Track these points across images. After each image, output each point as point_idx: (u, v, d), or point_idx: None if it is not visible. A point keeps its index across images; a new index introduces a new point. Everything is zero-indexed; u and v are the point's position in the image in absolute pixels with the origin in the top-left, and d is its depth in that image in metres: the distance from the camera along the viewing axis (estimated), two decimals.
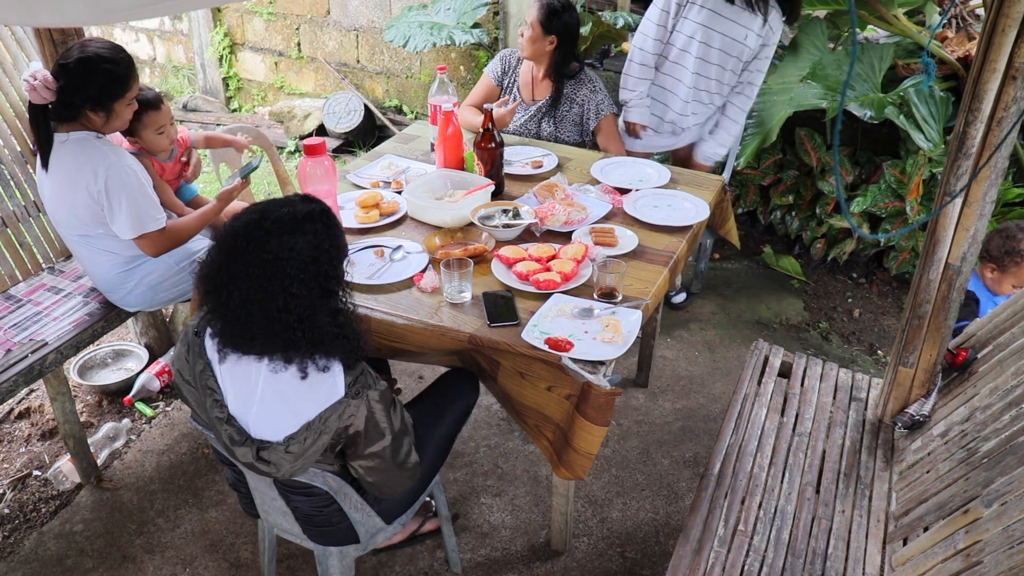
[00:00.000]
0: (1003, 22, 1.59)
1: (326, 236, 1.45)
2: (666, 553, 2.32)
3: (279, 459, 1.48)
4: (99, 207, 2.19)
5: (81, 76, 2.09)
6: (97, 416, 2.81)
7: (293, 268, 1.40)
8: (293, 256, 1.40)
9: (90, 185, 2.15)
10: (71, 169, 2.15)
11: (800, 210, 3.74)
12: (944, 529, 1.60)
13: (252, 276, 1.40)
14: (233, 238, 1.42)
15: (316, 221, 1.44)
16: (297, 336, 1.42)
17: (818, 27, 3.40)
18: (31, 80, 2.05)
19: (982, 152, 1.73)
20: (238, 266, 1.41)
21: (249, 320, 1.42)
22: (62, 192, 2.20)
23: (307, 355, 1.45)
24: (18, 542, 2.33)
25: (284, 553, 2.28)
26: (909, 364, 2.05)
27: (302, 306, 1.42)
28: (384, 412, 1.54)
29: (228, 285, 1.42)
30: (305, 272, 1.41)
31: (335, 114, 4.91)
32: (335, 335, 1.47)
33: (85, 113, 2.15)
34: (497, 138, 2.42)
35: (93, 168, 2.14)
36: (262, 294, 1.40)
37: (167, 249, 2.33)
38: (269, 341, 1.43)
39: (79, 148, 2.15)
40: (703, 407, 2.90)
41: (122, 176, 2.16)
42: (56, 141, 2.16)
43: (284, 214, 1.42)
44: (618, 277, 1.95)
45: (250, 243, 1.40)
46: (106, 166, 2.14)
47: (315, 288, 1.44)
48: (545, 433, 1.90)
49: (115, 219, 2.21)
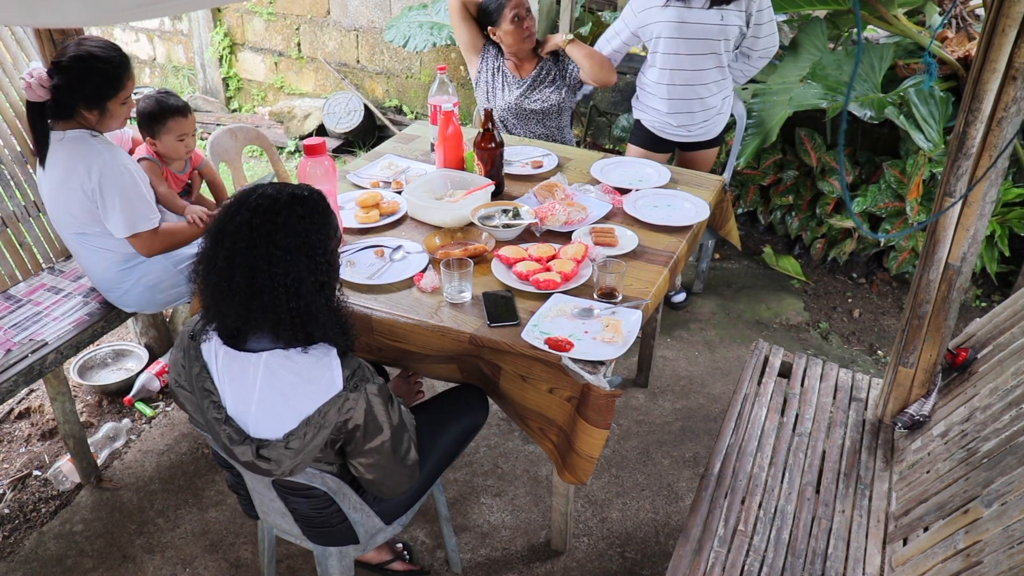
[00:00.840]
0: (1003, 22, 1.59)
1: (317, 211, 1.48)
2: (666, 553, 2.32)
3: (279, 456, 1.48)
4: (93, 204, 2.19)
5: (75, 75, 2.10)
6: (97, 416, 2.81)
7: (280, 233, 1.42)
8: (281, 221, 1.42)
9: (84, 183, 2.15)
10: (66, 167, 2.16)
11: (800, 210, 3.74)
12: (944, 529, 1.60)
13: (240, 236, 1.42)
14: (226, 209, 1.46)
15: (307, 197, 1.48)
16: (281, 302, 1.42)
17: (818, 27, 3.40)
18: (27, 78, 2.07)
19: (982, 152, 1.73)
20: (227, 229, 1.43)
21: (231, 283, 1.42)
22: (58, 189, 2.20)
23: (297, 329, 1.45)
24: (18, 542, 2.33)
25: (284, 553, 2.28)
26: (909, 364, 2.05)
27: (287, 272, 1.43)
28: (383, 406, 1.54)
29: (217, 250, 1.44)
30: (292, 238, 1.43)
31: (335, 114, 4.91)
32: (322, 308, 1.48)
33: (80, 111, 2.15)
34: (497, 138, 2.42)
35: (87, 165, 2.14)
36: (247, 254, 1.41)
37: (161, 250, 2.33)
38: (250, 308, 1.43)
39: (74, 146, 2.15)
40: (703, 407, 2.90)
41: (116, 174, 2.16)
42: (53, 139, 2.17)
43: (276, 186, 1.47)
44: (618, 277, 1.95)
45: (242, 208, 1.43)
46: (100, 164, 2.14)
47: (301, 256, 1.44)
48: (549, 436, 1.90)
49: (108, 217, 2.21)
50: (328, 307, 1.50)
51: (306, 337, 1.47)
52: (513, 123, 3.15)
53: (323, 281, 1.49)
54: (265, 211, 1.42)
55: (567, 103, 3.12)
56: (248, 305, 1.43)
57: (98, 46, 2.14)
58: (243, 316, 1.44)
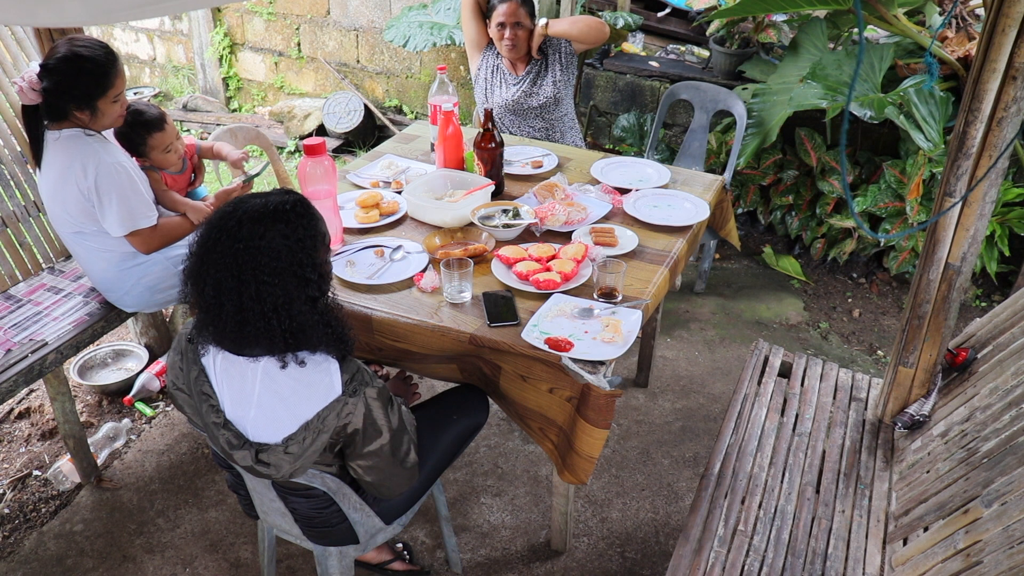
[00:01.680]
0: (1003, 22, 1.59)
1: (300, 225, 1.44)
2: (666, 553, 2.32)
3: (278, 460, 1.48)
4: (90, 204, 2.19)
5: (63, 76, 2.08)
6: (97, 416, 2.81)
7: (265, 257, 1.39)
8: (264, 245, 1.39)
9: (80, 182, 2.15)
10: (63, 165, 2.16)
11: (800, 210, 3.74)
12: (944, 529, 1.60)
13: (224, 266, 1.40)
14: (208, 230, 1.43)
15: (289, 211, 1.44)
16: (273, 325, 1.41)
17: (818, 27, 3.40)
18: (20, 82, 2.07)
19: (982, 152, 1.73)
20: (212, 256, 1.41)
21: (221, 311, 1.41)
22: (55, 189, 2.20)
23: (289, 347, 1.44)
24: (18, 542, 2.33)
25: (284, 553, 2.28)
26: (909, 364, 2.05)
27: (276, 295, 1.40)
28: (382, 409, 1.54)
29: (203, 277, 1.42)
30: (278, 261, 1.40)
31: (335, 114, 4.91)
32: (316, 323, 1.45)
33: (72, 112, 2.15)
34: (497, 138, 2.42)
35: (83, 164, 2.14)
36: (234, 284, 1.39)
37: (159, 247, 2.34)
38: (243, 334, 1.42)
39: (69, 144, 2.15)
40: (703, 407, 2.90)
41: (112, 174, 2.16)
42: (48, 139, 2.16)
43: (257, 205, 1.43)
44: (618, 277, 1.95)
45: (223, 233, 1.40)
46: (96, 163, 2.14)
47: (289, 277, 1.42)
48: (549, 436, 1.90)
49: (105, 216, 2.21)
50: (322, 320, 1.47)
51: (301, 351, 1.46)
52: (511, 119, 3.16)
53: (314, 296, 1.47)
54: (247, 237, 1.39)
55: (564, 91, 3.13)
56: (240, 331, 1.42)
57: (85, 45, 2.11)
58: (236, 339, 1.43)
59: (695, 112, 3.38)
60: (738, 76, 3.85)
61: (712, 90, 3.34)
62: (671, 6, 4.60)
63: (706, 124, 3.38)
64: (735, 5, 3.35)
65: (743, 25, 3.84)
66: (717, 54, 3.95)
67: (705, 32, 4.15)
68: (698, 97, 3.37)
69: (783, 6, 3.26)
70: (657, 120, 3.45)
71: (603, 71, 4.09)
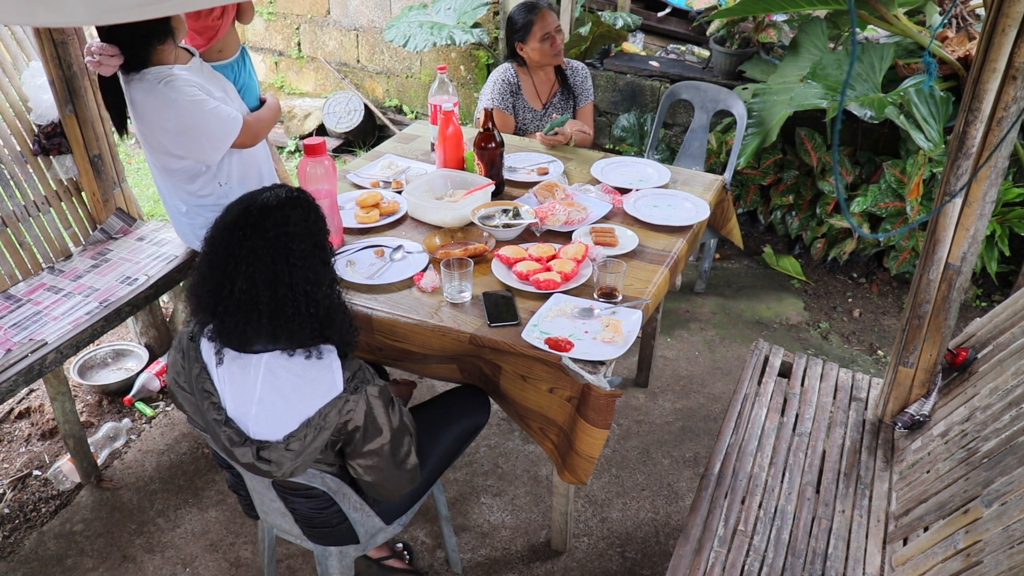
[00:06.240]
0: (1003, 22, 1.59)
1: (312, 209, 1.52)
2: (666, 553, 2.32)
3: (280, 458, 1.48)
4: (179, 147, 2.29)
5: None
6: (97, 416, 2.81)
7: (294, 241, 1.45)
8: (291, 230, 1.45)
9: (167, 126, 2.25)
10: (146, 109, 2.25)
11: (800, 210, 3.74)
12: (944, 529, 1.60)
13: (256, 260, 1.42)
14: (229, 231, 1.44)
15: (298, 198, 1.50)
16: (303, 311, 1.45)
17: (818, 27, 3.40)
18: (92, 57, 2.14)
19: (982, 152, 1.73)
20: (240, 253, 1.43)
21: (256, 305, 1.43)
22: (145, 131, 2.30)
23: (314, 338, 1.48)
24: (18, 542, 2.33)
25: (284, 553, 2.28)
26: (909, 364, 2.05)
27: (308, 278, 1.46)
28: (383, 408, 1.54)
29: (232, 277, 1.43)
30: (303, 242, 1.46)
31: (335, 114, 4.91)
32: (339, 306, 1.53)
33: (155, 50, 2.20)
34: (497, 138, 2.42)
35: (164, 113, 2.22)
36: (269, 274, 1.43)
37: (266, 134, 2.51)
38: (278, 325, 1.44)
39: (147, 94, 2.22)
40: (703, 407, 2.90)
41: (189, 113, 2.23)
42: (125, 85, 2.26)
43: (268, 197, 1.47)
44: (618, 277, 1.95)
45: (247, 229, 1.43)
46: (176, 110, 2.21)
47: (315, 259, 1.48)
48: (550, 436, 1.90)
49: (203, 152, 2.31)
50: (341, 306, 1.54)
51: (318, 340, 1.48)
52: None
53: (334, 278, 1.54)
54: (273, 226, 1.43)
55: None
56: (273, 322, 1.44)
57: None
58: (268, 334, 1.45)
59: (695, 112, 3.38)
60: (738, 76, 3.85)
61: (712, 90, 3.35)
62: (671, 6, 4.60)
63: (706, 124, 3.38)
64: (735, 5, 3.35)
65: (743, 25, 3.84)
66: (717, 54, 3.95)
67: (705, 32, 4.15)
68: (698, 97, 3.37)
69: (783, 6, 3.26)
70: (657, 120, 3.45)
71: (603, 71, 4.09)
